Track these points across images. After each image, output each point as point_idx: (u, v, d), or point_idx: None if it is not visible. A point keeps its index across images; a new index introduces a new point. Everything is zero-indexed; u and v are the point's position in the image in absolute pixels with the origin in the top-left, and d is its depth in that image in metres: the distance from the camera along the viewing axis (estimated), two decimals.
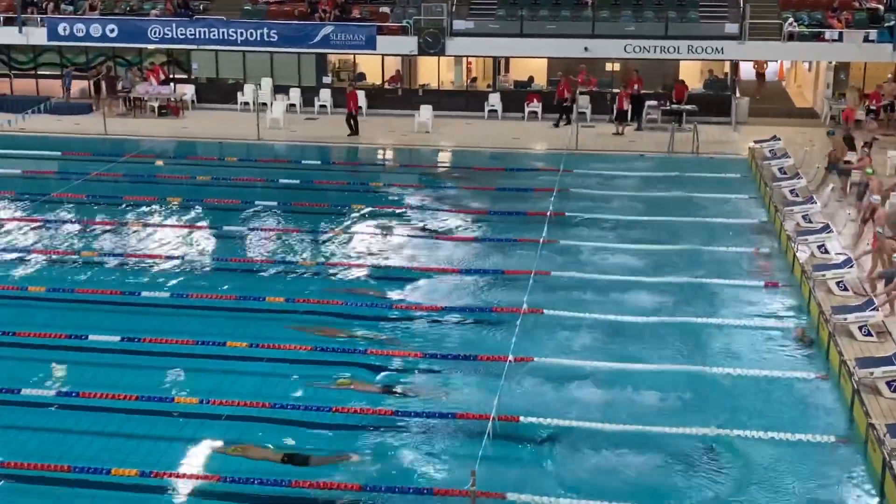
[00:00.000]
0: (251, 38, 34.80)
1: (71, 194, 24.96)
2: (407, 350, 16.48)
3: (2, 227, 22.68)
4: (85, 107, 34.84)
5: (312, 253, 21.15)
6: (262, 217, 23.54)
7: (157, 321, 17.49)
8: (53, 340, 16.60)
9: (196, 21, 35.23)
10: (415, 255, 21.20)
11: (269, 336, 16.79)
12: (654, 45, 33.36)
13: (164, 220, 23.35)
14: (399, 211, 24.21)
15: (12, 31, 35.92)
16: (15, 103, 34.23)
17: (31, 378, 15.36)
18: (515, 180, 27.04)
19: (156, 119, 33.99)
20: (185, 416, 14.38)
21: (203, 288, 19.02)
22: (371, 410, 14.48)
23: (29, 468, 12.80)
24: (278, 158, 29.52)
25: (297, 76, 35.60)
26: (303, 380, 15.45)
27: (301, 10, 35.97)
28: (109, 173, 27.26)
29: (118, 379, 15.32)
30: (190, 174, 27.29)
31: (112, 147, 30.18)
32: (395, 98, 35.54)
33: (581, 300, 18.53)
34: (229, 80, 36.19)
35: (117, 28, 35.32)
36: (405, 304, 18.53)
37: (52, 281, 19.28)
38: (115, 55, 36.57)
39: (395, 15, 35.66)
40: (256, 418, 14.34)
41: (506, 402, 14.34)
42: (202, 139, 31.35)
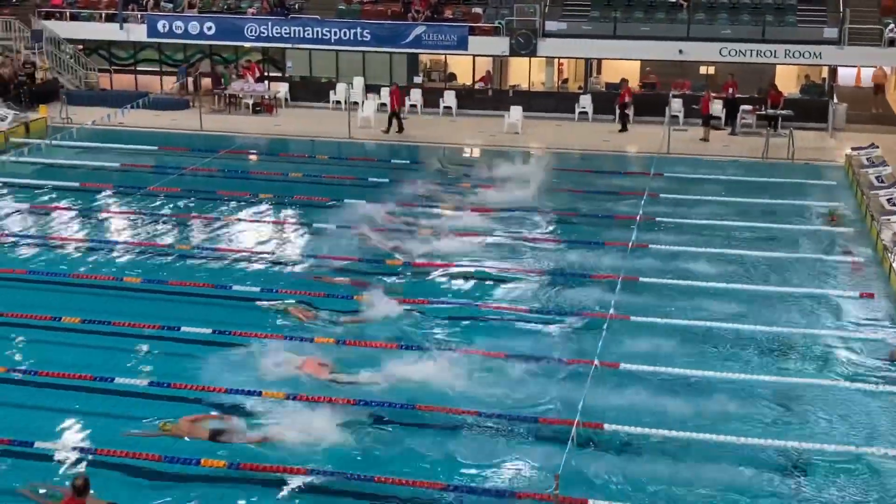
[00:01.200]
0: (345, 37, 35.17)
1: (167, 188, 25.48)
2: (491, 350, 16.46)
3: (100, 219, 23.28)
4: (182, 102, 35.55)
5: (400, 252, 21.22)
6: (350, 215, 23.70)
7: (247, 315, 17.75)
8: (147, 331, 16.96)
9: (291, 20, 35.72)
10: (501, 256, 21.17)
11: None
12: (750, 49, 32.85)
13: (256, 216, 23.68)
14: (486, 211, 24.18)
15: (114, 28, 36.82)
16: (115, 98, 35.07)
17: (125, 366, 15.73)
18: (605, 183, 26.85)
19: (250, 116, 34.53)
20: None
21: (292, 284, 19.26)
22: (455, 410, 14.49)
23: (119, 455, 13.11)
24: (368, 157, 29.75)
25: (389, 76, 35.84)
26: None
27: (394, 9, 36.21)
28: (204, 168, 27.79)
29: (207, 370, 15.61)
30: (282, 171, 27.65)
31: (207, 143, 30.75)
32: (484, 99, 35.55)
33: (669, 306, 18.31)
34: (322, 78, 36.58)
35: (215, 26, 36.00)
36: (490, 304, 18.52)
37: (148, 272, 19.70)
38: (213, 52, 37.26)
39: (487, 16, 35.69)
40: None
41: (590, 408, 14.25)
42: (294, 137, 31.76)
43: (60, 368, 15.43)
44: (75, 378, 15.17)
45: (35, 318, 17.27)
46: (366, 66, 35.83)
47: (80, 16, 37.54)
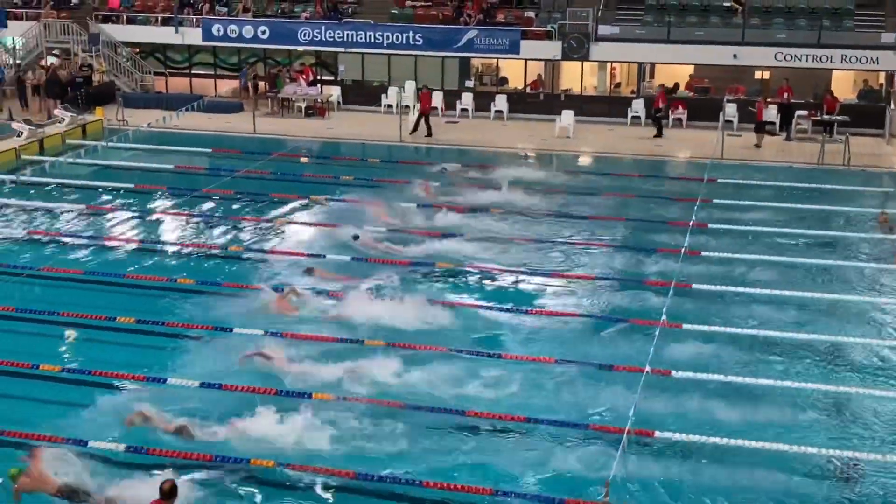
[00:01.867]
0: (397, 41, 35.29)
1: (220, 190, 25.70)
2: (541, 356, 16.41)
3: (154, 220, 23.53)
4: (236, 105, 35.85)
5: (448, 255, 21.18)
6: (402, 218, 23.73)
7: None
8: (199, 332, 17.11)
9: (344, 24, 35.90)
10: (552, 259, 21.11)
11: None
12: (805, 54, 32.49)
13: (307, 218, 23.79)
14: (537, 215, 24.12)
15: (169, 31, 37.24)
16: (170, 101, 35.47)
17: (175, 366, 15.89)
18: (657, 188, 26.68)
19: (302, 119, 34.75)
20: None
21: (345, 280, 19.31)
22: (505, 416, 14.44)
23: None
24: (419, 161, 29.78)
25: (441, 79, 35.90)
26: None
27: (446, 14, 36.26)
28: (257, 171, 27.99)
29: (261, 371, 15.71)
30: (333, 174, 27.78)
31: (260, 145, 30.97)
32: (536, 102, 35.48)
33: (722, 313, 18.13)
34: (374, 82, 36.73)
35: (268, 30, 36.29)
36: (541, 309, 18.45)
37: (200, 273, 19.86)
38: (266, 56, 37.56)
39: (539, 19, 35.61)
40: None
41: (641, 415, 14.14)
42: (346, 140, 31.90)
43: (114, 368, 15.61)
44: (128, 378, 15.35)
45: (90, 318, 17.49)
46: (417, 70, 35.91)
47: (136, 19, 38.02)
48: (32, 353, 16.09)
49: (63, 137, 31.24)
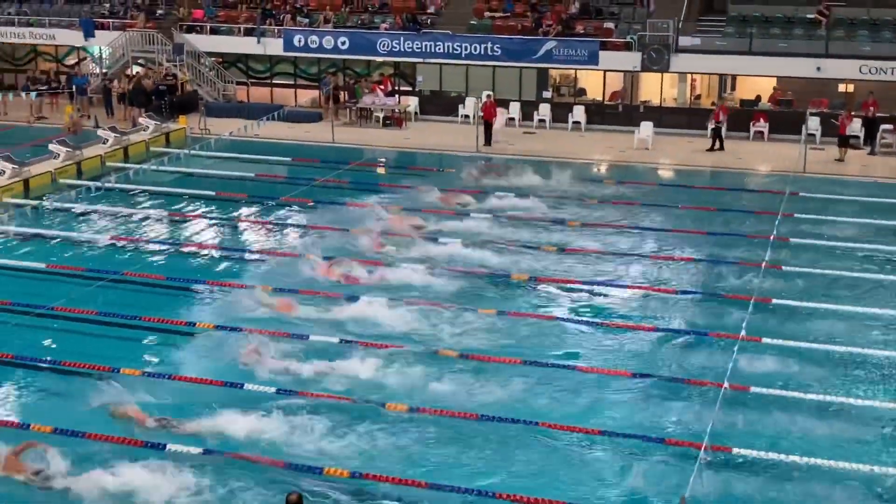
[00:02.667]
0: (475, 52, 35.37)
1: (298, 198, 25.96)
2: (617, 369, 16.27)
3: (235, 228, 23.86)
4: (315, 115, 36.23)
5: (524, 267, 21.15)
6: (477, 229, 23.74)
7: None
8: (278, 339, 17.28)
9: (423, 35, 36.09)
10: (629, 272, 20.94)
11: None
12: (891, 67, 31.84)
13: (385, 227, 23.83)
14: (614, 227, 23.95)
15: (251, 42, 37.80)
16: (251, 110, 35.97)
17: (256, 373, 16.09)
18: (738, 201, 26.31)
19: (380, 129, 34.98)
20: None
21: (420, 293, 19.39)
22: (578, 428, 14.34)
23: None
24: (497, 171, 29.68)
25: (518, 90, 35.88)
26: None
27: (525, 24, 36.23)
28: (335, 180, 28.22)
29: (333, 377, 15.82)
30: (410, 183, 27.85)
31: (338, 155, 31.23)
32: (615, 114, 35.25)
33: (803, 329, 17.77)
34: (451, 92, 36.84)
35: (348, 40, 36.63)
36: (617, 322, 18.30)
37: (277, 280, 20.05)
38: (345, 67, 37.91)
39: (619, 30, 35.40)
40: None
41: (719, 431, 13.93)
42: (423, 150, 32.00)
43: (194, 373, 15.86)
44: (207, 383, 15.58)
45: (170, 323, 17.78)
46: (495, 81, 35.91)
47: (219, 30, 38.67)
48: (114, 357, 16.42)
49: (147, 145, 31.87)
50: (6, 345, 16.92)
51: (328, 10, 38.19)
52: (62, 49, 40.51)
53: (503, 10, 37.38)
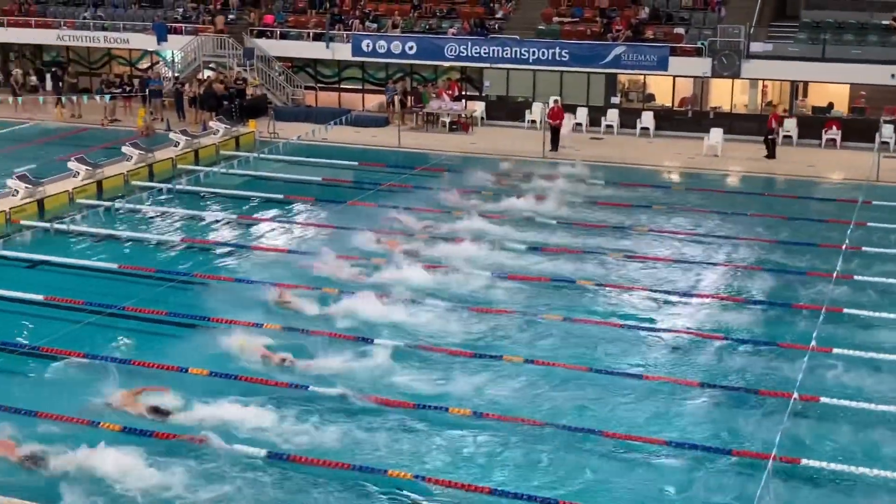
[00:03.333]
0: (543, 57, 35.27)
1: (364, 203, 26.07)
2: (684, 378, 16.10)
3: (301, 232, 24.01)
4: (382, 120, 36.40)
5: (590, 273, 21.04)
6: (542, 235, 23.70)
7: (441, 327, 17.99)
8: (342, 341, 17.40)
9: (490, 40, 36.09)
10: (697, 280, 20.71)
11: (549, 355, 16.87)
12: None
13: (441, 231, 23.81)
14: (682, 235, 23.73)
15: (320, 47, 38.09)
16: (319, 114, 36.24)
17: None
18: (808, 210, 25.89)
19: (446, 134, 35.02)
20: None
21: (485, 299, 19.38)
22: (643, 438, 14.21)
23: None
24: (562, 176, 29.52)
25: (586, 96, 35.71)
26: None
27: (594, 29, 36.05)
28: (401, 184, 28.31)
29: (401, 381, 15.86)
30: (477, 188, 27.82)
31: (404, 159, 31.32)
32: (684, 120, 34.92)
33: (874, 339, 17.45)
34: (518, 98, 36.77)
35: (416, 45, 36.75)
36: (685, 330, 18.10)
37: (345, 285, 20.15)
38: (413, 71, 38.04)
39: (689, 36, 35.07)
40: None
41: (788, 442, 13.72)
42: (488, 155, 31.92)
43: (262, 375, 16.03)
44: (272, 384, 15.73)
45: (240, 324, 17.97)
46: (562, 86, 35.77)
47: (289, 34, 39.03)
48: (183, 357, 16.65)
49: (217, 148, 32.29)
50: (77, 343, 17.23)
51: (396, 15, 38.37)
52: (136, 53, 41.22)
53: (572, 16, 37.23)
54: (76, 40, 40.97)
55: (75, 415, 14.55)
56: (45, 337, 17.36)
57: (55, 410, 14.62)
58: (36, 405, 14.86)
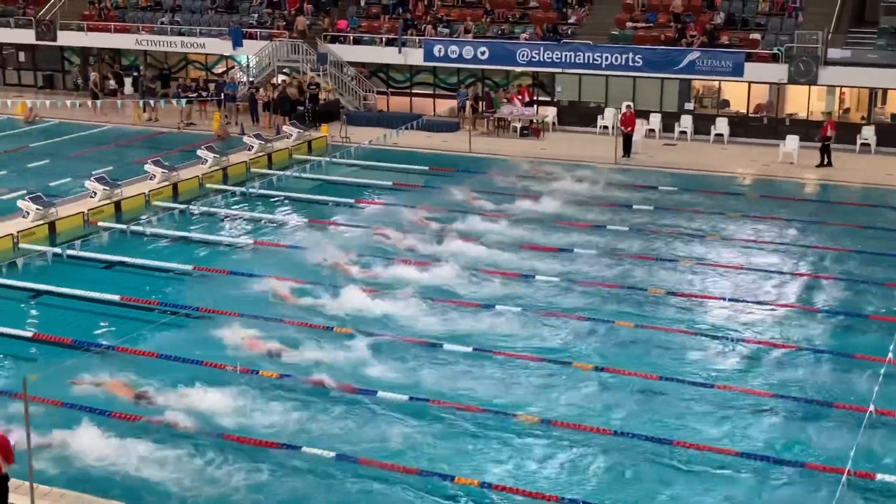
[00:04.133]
0: (616, 62, 35.06)
1: (435, 207, 26.06)
2: (759, 389, 15.86)
3: (371, 234, 24.01)
4: (453, 125, 36.46)
5: (662, 281, 20.85)
6: (612, 241, 23.56)
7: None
8: (409, 345, 17.46)
9: (563, 45, 35.96)
10: (771, 289, 20.41)
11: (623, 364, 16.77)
12: None
13: (511, 238, 23.73)
14: (756, 242, 23.40)
15: (392, 52, 38.29)
16: (390, 119, 36.45)
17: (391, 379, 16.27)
18: (885, 219, 25.35)
19: (517, 139, 34.97)
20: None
21: (554, 304, 19.32)
22: (714, 448, 14.02)
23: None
24: (634, 183, 29.35)
25: (659, 101, 35.41)
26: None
27: (668, 35, 35.74)
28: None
29: (465, 385, 15.88)
30: (538, 193, 27.68)
31: (475, 164, 31.29)
32: (759, 127, 34.46)
33: None
34: (590, 103, 36.59)
35: (488, 50, 36.77)
36: (758, 339, 17.83)
37: (427, 291, 20.11)
38: (484, 76, 38.06)
39: (765, 42, 34.60)
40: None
41: (863, 456, 13.43)
42: (559, 160, 31.77)
43: None
44: (348, 390, 15.82)
45: (309, 327, 18.13)
46: (635, 92, 35.51)
47: (362, 40, 39.32)
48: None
49: (290, 152, 32.62)
50: (149, 342, 17.53)
51: (469, 21, 38.43)
52: (211, 58, 41.84)
53: (645, 21, 36.96)
54: (154, 45, 41.74)
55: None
56: (120, 336, 17.68)
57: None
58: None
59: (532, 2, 39.18)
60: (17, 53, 44.86)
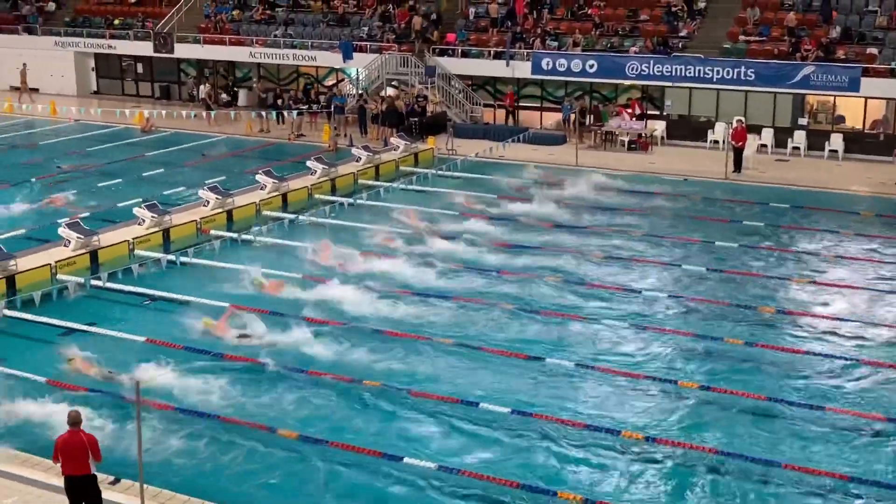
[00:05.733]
0: (727, 76, 34.53)
1: (541, 223, 25.94)
2: (867, 411, 15.38)
3: (478, 248, 24.00)
4: (559, 138, 36.32)
5: (770, 299, 20.42)
6: (720, 257, 23.17)
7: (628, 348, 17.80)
8: (518, 361, 17.42)
9: (673, 58, 35.55)
10: (886, 310, 19.79)
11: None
12: None
13: (618, 252, 23.57)
14: (868, 262, 22.74)
15: (500, 65, 38.36)
16: (496, 132, 36.48)
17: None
18: None
19: (625, 153, 34.65)
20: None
21: (658, 321, 19.11)
22: (822, 472, 13.63)
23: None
24: (745, 199, 28.80)
25: (772, 116, 34.73)
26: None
27: (782, 48, 35.03)
28: (574, 202, 28.05)
29: (567, 401, 15.76)
30: (651, 209, 27.43)
31: (581, 178, 31.04)
32: (875, 143, 33.53)
33: None
34: (700, 117, 36.08)
35: (597, 64, 36.55)
36: (870, 360, 17.31)
37: (524, 301, 20.19)
38: (592, 90, 37.85)
39: (882, 56, 33.66)
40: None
41: None
42: (667, 175, 31.38)
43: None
44: (444, 399, 15.86)
45: (412, 338, 18.23)
46: (747, 106, 34.88)
47: (470, 53, 39.47)
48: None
49: (397, 164, 32.90)
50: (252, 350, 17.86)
51: (578, 34, 38.28)
52: (322, 70, 42.51)
53: (759, 34, 36.29)
54: (266, 57, 42.60)
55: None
56: (226, 343, 18.06)
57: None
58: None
59: (642, 15, 38.84)
60: (136, 65, 46.31)
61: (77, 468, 11.86)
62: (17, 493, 12.75)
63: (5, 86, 46.94)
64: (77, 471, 11.87)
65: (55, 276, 21.67)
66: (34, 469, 13.52)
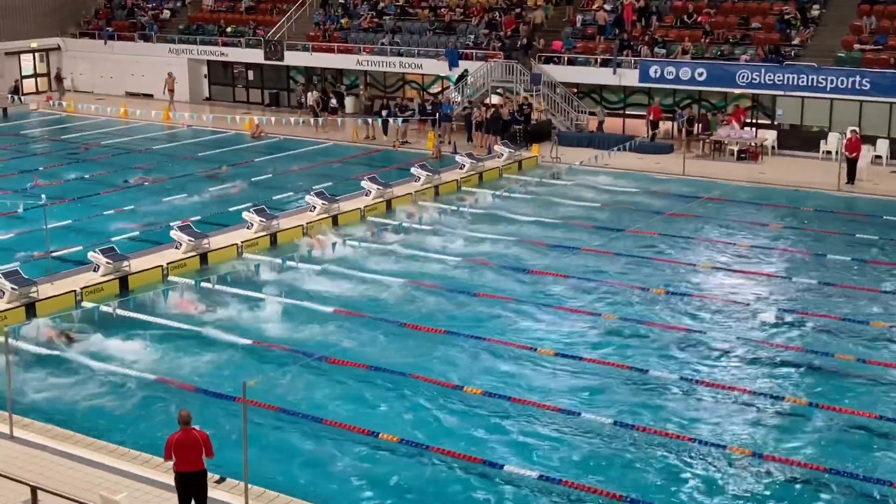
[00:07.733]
0: (841, 85, 33.65)
1: (645, 231, 25.70)
2: None
3: (573, 256, 23.86)
4: (666, 147, 35.86)
5: (883, 315, 19.84)
6: (831, 271, 22.61)
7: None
8: (619, 372, 17.27)
9: (785, 67, 34.79)
10: None
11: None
12: None
13: (731, 263, 23.17)
14: None
15: (607, 73, 38.05)
16: (602, 140, 36.17)
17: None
18: None
19: (734, 163, 34.02)
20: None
21: (758, 336, 18.72)
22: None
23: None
24: (857, 212, 28.02)
25: (887, 127, 33.73)
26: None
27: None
28: (684, 213, 27.69)
29: (671, 413, 15.52)
30: (763, 220, 26.90)
31: (688, 187, 30.65)
32: None
33: None
34: (813, 127, 35.25)
35: (706, 72, 35.98)
36: None
37: (622, 311, 20.01)
38: (701, 98, 37.28)
39: None
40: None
41: None
42: (777, 186, 30.73)
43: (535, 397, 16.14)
44: (534, 404, 15.79)
45: (514, 346, 18.18)
46: (861, 116, 33.94)
47: (576, 60, 39.26)
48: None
49: (500, 171, 32.89)
50: (362, 356, 18.00)
51: (687, 41, 37.74)
52: (428, 78, 42.76)
53: (874, 43, 35.29)
54: (373, 65, 43.05)
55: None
56: (332, 347, 18.23)
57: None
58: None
59: (754, 22, 38.11)
60: (247, 72, 47.24)
61: (192, 464, 12.22)
62: (127, 489, 13.07)
63: (121, 91, 48.39)
64: (192, 467, 12.23)
65: (166, 277, 22.22)
66: (144, 466, 13.88)
